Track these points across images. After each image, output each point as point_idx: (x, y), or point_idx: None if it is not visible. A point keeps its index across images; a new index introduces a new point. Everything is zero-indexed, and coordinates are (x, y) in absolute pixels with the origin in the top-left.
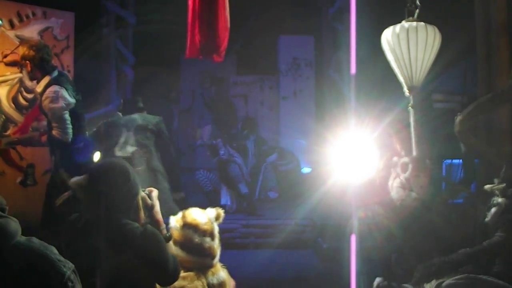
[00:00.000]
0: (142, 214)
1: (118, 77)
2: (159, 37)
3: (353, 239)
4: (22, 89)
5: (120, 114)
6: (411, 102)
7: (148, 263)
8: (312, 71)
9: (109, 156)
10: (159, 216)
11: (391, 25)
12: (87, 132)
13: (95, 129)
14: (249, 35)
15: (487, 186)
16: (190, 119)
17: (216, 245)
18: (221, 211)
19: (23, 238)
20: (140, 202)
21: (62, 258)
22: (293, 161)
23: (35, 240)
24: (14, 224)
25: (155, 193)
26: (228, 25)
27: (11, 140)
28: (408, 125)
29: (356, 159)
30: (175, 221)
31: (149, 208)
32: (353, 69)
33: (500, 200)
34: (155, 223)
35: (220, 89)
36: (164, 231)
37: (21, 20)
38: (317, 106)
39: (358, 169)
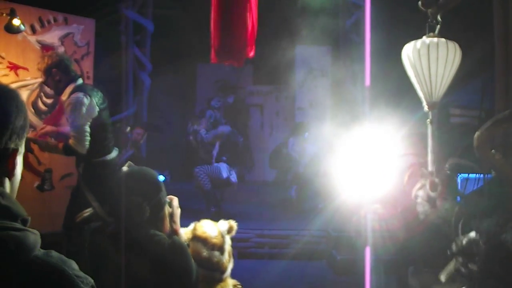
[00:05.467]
0: (167, 223)
1: (135, 84)
2: (177, 45)
3: (368, 251)
4: (42, 94)
5: None
6: (430, 117)
7: (174, 274)
8: (328, 82)
9: None
10: (178, 225)
11: (406, 37)
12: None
13: None
14: (266, 44)
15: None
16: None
17: (225, 259)
18: (234, 224)
19: (41, 252)
20: (166, 211)
21: (81, 274)
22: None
23: (53, 254)
24: (33, 237)
25: (175, 201)
26: (249, 30)
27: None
28: (423, 136)
29: (371, 170)
30: (184, 233)
31: (170, 217)
32: (367, 81)
33: None
34: (172, 232)
35: (236, 98)
36: (182, 240)
37: (42, 26)
38: (333, 118)
39: (373, 181)
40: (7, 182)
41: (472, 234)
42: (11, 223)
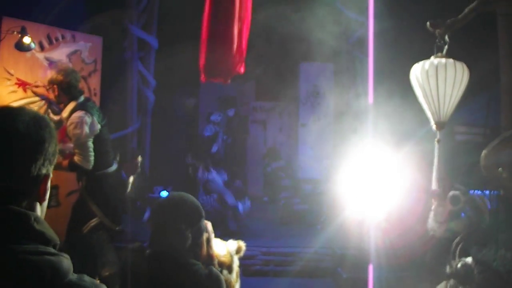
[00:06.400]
0: (205, 249)
1: (139, 100)
2: (180, 61)
3: (372, 269)
4: (50, 111)
5: None
6: (438, 136)
7: None
8: (331, 98)
9: None
10: (213, 250)
11: (410, 53)
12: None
13: None
14: (270, 61)
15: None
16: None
17: (233, 279)
18: (243, 244)
19: (74, 276)
20: (204, 237)
21: None
22: None
23: (86, 278)
24: (66, 262)
25: (210, 226)
26: (235, 47)
27: None
28: (426, 153)
29: (374, 186)
30: None
31: (207, 242)
32: (371, 98)
33: None
34: (208, 257)
35: (236, 111)
36: (217, 266)
37: (50, 43)
38: (336, 134)
39: (377, 197)
40: (38, 207)
41: (469, 259)
42: (45, 248)
